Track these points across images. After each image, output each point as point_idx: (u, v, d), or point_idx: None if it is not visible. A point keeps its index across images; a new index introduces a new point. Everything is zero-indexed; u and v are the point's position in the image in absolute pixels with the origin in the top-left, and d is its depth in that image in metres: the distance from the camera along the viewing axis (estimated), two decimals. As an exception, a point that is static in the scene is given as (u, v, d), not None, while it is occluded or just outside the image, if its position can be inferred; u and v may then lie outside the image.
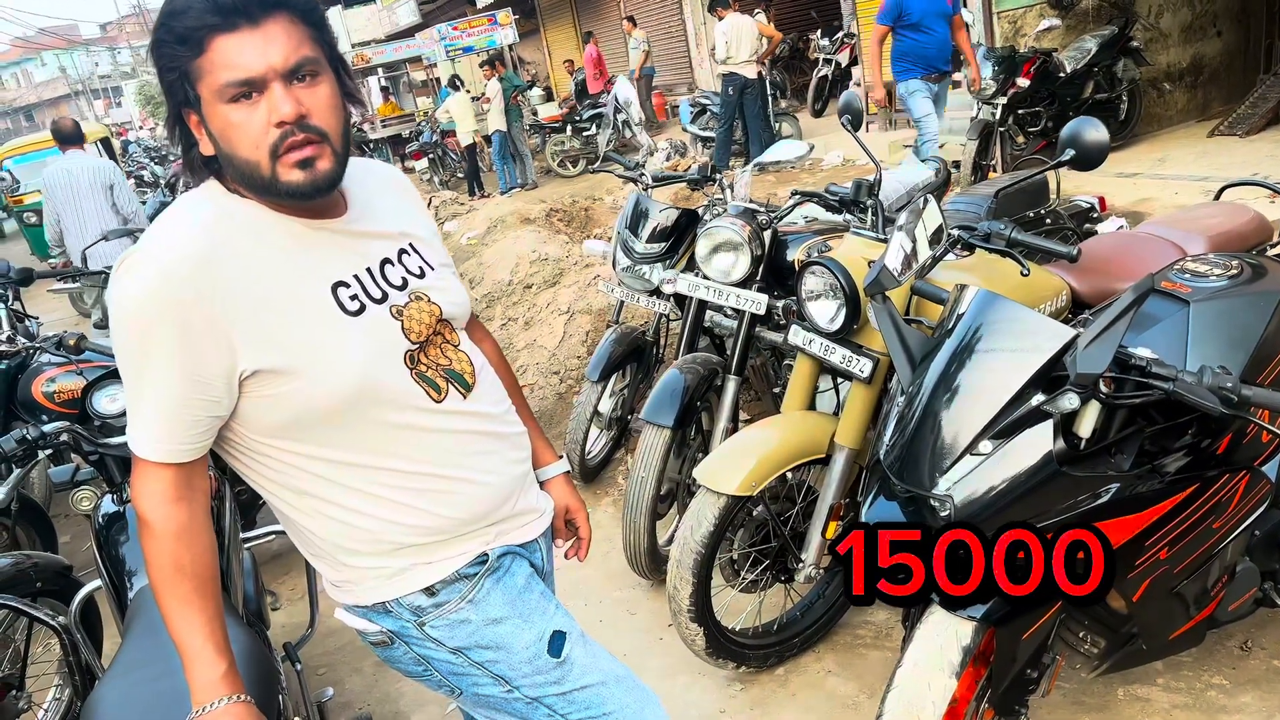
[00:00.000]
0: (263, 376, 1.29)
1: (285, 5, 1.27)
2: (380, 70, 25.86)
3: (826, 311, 2.49)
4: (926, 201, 2.07)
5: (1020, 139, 7.74)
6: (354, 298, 1.36)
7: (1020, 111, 7.58)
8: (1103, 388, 1.78)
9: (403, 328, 1.40)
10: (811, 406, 2.76)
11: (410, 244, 1.48)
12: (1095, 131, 2.20)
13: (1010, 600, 1.89)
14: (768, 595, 2.79)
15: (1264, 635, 2.53)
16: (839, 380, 2.85)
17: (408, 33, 20.71)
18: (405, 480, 1.41)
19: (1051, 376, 1.77)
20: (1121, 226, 3.69)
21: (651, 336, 3.90)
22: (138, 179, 19.15)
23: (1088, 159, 2.22)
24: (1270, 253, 2.88)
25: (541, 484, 1.72)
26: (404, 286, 1.43)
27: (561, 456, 1.79)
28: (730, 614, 2.76)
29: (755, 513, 2.61)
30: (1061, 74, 7.58)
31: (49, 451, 2.45)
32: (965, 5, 8.37)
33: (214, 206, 1.33)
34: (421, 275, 1.46)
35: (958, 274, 2.51)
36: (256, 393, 1.31)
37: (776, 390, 3.60)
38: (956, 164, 7.52)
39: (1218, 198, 3.16)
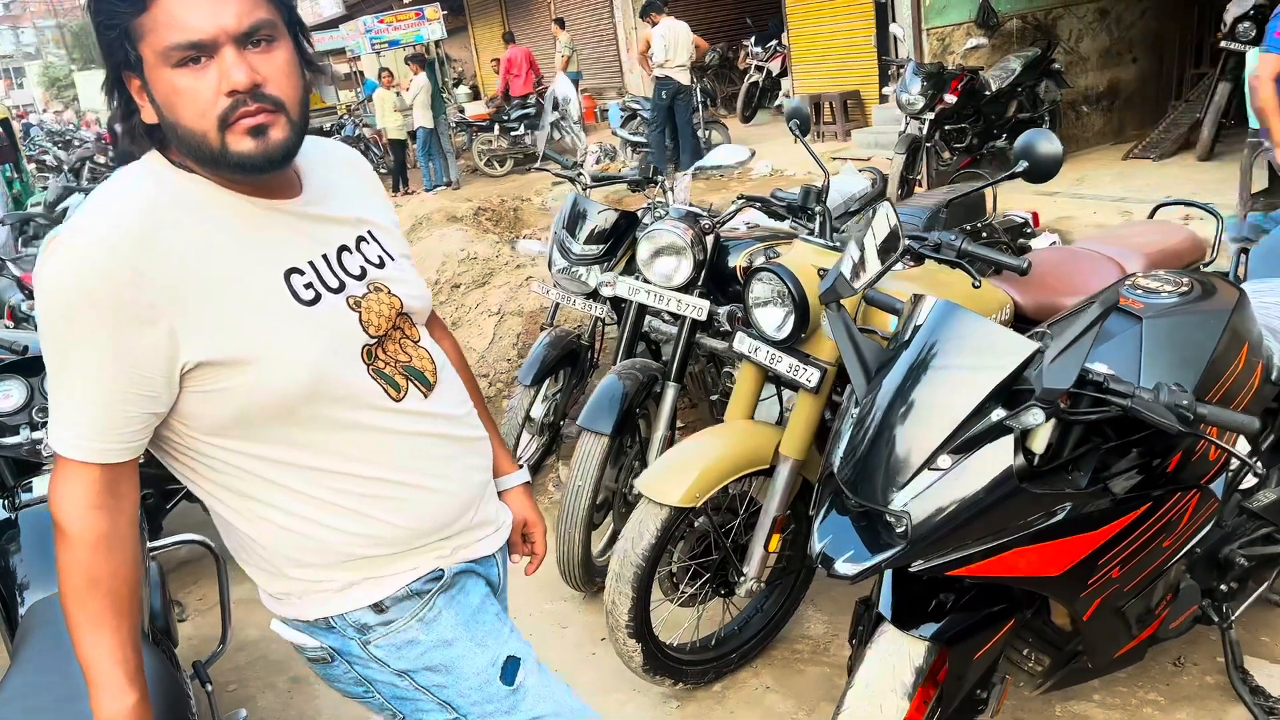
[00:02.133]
0: (207, 369, 1.18)
1: None
2: (301, 61, 25.16)
3: (774, 319, 2.43)
4: (885, 208, 2.02)
5: (946, 155, 7.87)
6: (308, 286, 1.25)
7: (946, 128, 7.70)
8: (1059, 403, 1.75)
9: (360, 320, 1.30)
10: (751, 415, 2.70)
11: (369, 231, 1.38)
12: (1049, 144, 2.18)
13: (968, 613, 1.87)
14: (705, 609, 2.72)
15: (1196, 651, 2.55)
16: (782, 389, 2.80)
17: (332, 24, 20.21)
18: (358, 485, 1.30)
19: (1011, 391, 1.74)
20: (1054, 241, 3.73)
21: (587, 340, 3.80)
22: (39, 163, 18.30)
23: (1041, 171, 2.20)
24: (1204, 270, 2.92)
25: (499, 494, 1.62)
26: (362, 276, 1.32)
27: (521, 466, 1.69)
28: (666, 628, 2.67)
29: (696, 524, 2.53)
30: (987, 92, 7.73)
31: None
32: (895, 19, 8.51)
33: (155, 181, 1.21)
34: (381, 265, 1.36)
35: (905, 284, 2.48)
36: (199, 387, 1.19)
37: (714, 398, 3.54)
38: (884, 177, 7.59)
39: (1151, 216, 3.20)
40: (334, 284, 1.28)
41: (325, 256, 1.29)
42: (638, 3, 13.46)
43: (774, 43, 12.78)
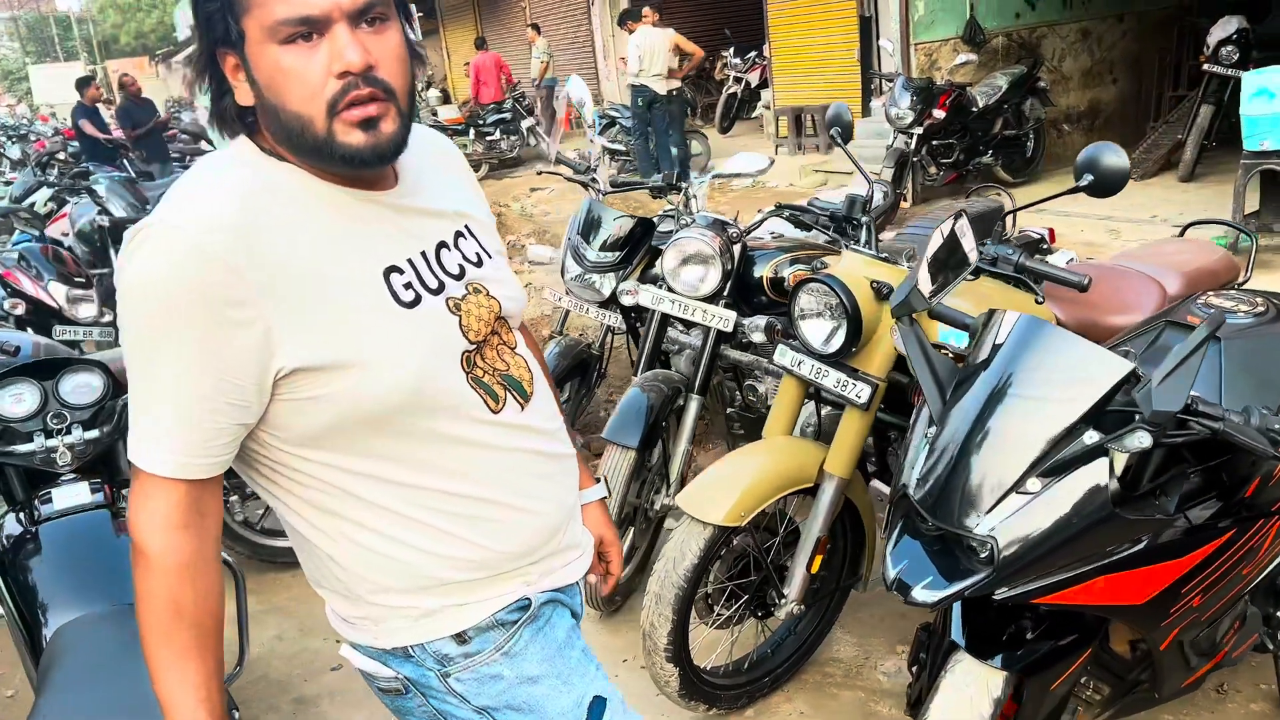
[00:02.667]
0: (303, 375, 1.08)
1: None
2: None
3: (822, 332, 2.34)
4: (958, 218, 1.95)
5: (932, 169, 7.88)
6: (408, 286, 1.15)
7: (934, 143, 7.73)
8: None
9: (460, 324, 1.19)
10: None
11: (467, 226, 1.28)
12: (1115, 157, 2.12)
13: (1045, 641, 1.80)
14: (739, 631, 2.62)
15: (1238, 678, 2.51)
16: (821, 404, 2.72)
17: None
18: (452, 504, 1.20)
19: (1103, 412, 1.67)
20: (1072, 259, 3.69)
21: (596, 350, 3.71)
22: (-6, 156, 17.76)
23: (1107, 185, 2.14)
24: (1238, 289, 2.89)
25: None
26: (461, 275, 1.22)
27: (599, 480, 1.58)
28: (699, 652, 2.57)
29: (734, 543, 2.44)
30: (974, 108, 7.77)
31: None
32: (882, 33, 8.53)
33: (249, 170, 1.10)
34: (479, 264, 1.26)
35: (953, 299, 2.41)
36: (292, 394, 1.09)
37: (731, 410, 3.46)
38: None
39: (1182, 234, 3.18)
40: (433, 284, 1.19)
41: (424, 254, 1.19)
42: (616, 10, 13.44)
43: (753, 54, 12.78)
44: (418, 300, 1.16)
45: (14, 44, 57.05)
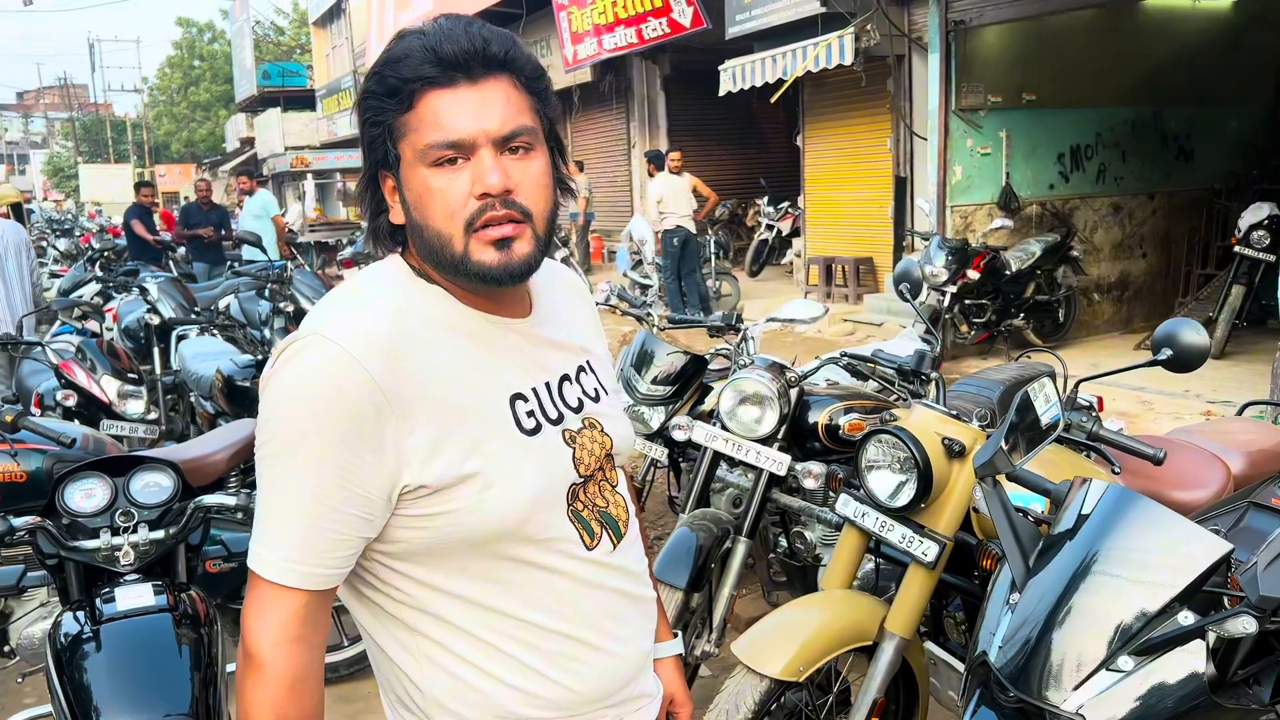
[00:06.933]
0: (423, 493, 1.10)
1: (511, 67, 1.13)
2: (310, 176, 25.79)
3: (888, 484, 2.32)
4: (1043, 384, 1.95)
5: (964, 328, 7.97)
6: (530, 414, 1.19)
7: (966, 302, 7.84)
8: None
9: (573, 456, 1.21)
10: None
11: (589, 361, 1.31)
12: (1195, 335, 2.15)
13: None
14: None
15: None
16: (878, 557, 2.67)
17: (350, 143, 20.73)
18: (537, 636, 1.19)
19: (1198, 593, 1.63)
20: (1122, 429, 3.67)
21: (638, 482, 3.68)
22: (38, 249, 18.22)
23: (1185, 361, 2.16)
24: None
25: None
26: (579, 409, 1.25)
27: (677, 634, 1.54)
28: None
29: (784, 699, 2.36)
30: (1007, 272, 7.90)
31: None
32: (919, 194, 8.76)
33: (399, 289, 1.16)
34: (596, 399, 1.29)
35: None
36: (410, 510, 1.11)
37: (772, 556, 3.40)
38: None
39: (1240, 413, 3.17)
40: (553, 415, 1.22)
41: (548, 384, 1.23)
42: (655, 154, 13.93)
43: (785, 204, 13.15)
44: (538, 429, 1.18)
45: (68, 143, 59.41)
